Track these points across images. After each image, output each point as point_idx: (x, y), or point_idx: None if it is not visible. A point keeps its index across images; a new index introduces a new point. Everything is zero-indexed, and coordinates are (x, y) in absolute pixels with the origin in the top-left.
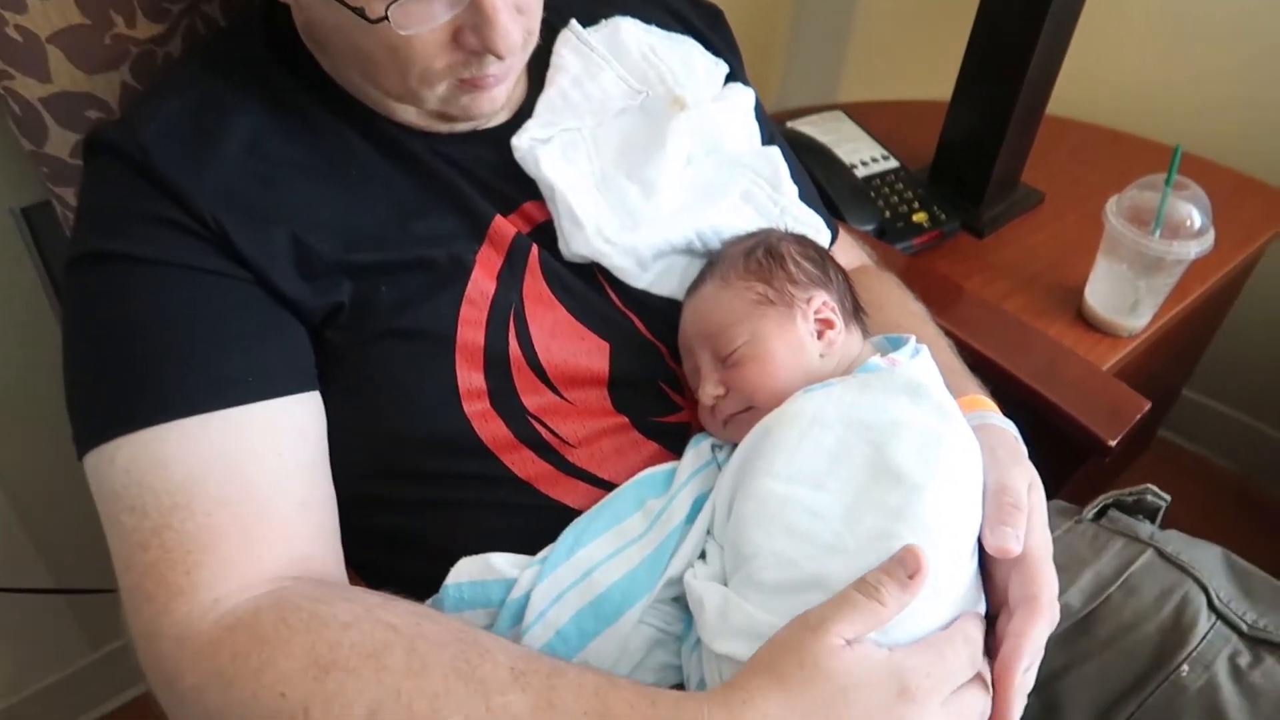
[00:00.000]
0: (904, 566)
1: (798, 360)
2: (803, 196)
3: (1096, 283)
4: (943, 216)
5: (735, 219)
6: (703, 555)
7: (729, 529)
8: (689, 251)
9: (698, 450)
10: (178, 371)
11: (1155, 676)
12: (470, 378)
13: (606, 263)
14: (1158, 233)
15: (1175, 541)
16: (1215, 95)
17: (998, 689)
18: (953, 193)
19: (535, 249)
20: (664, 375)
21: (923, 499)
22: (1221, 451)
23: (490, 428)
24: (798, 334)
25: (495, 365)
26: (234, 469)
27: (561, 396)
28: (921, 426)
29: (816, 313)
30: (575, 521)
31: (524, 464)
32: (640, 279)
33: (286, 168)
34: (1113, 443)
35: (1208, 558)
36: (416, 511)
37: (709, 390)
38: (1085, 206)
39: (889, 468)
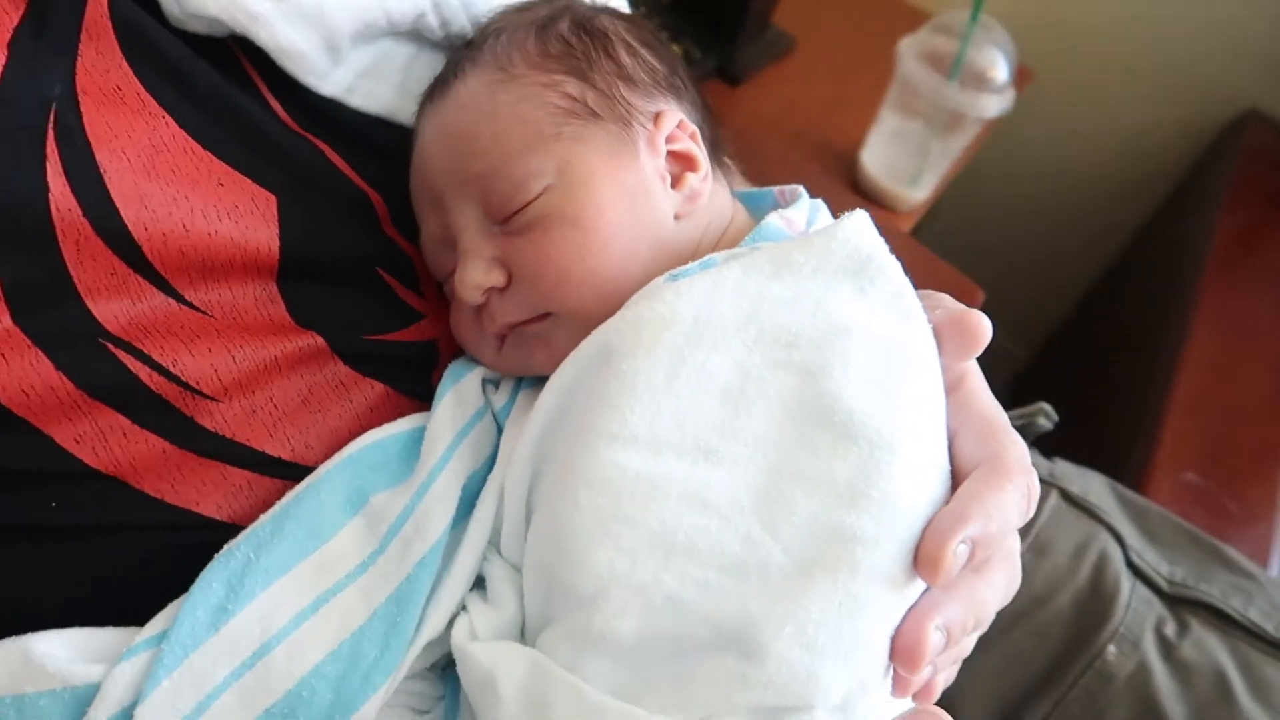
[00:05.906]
0: None
1: (642, 223)
2: None
3: (878, 144)
4: (698, 55)
5: None
6: (480, 584)
7: (537, 541)
8: (414, 34)
9: (460, 392)
10: None
11: (1074, 663)
12: None
13: (262, 37)
14: (955, 81)
15: (1070, 475)
16: None
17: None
18: (695, 27)
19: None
20: (386, 255)
21: (892, 464)
22: None
23: (14, 369)
24: (642, 175)
25: (14, 232)
26: None
27: (180, 299)
28: (878, 335)
29: (670, 140)
30: (226, 549)
31: (100, 439)
32: (330, 77)
33: None
34: None
35: (1099, 491)
36: None
37: (474, 276)
38: (836, 59)
39: (831, 412)
